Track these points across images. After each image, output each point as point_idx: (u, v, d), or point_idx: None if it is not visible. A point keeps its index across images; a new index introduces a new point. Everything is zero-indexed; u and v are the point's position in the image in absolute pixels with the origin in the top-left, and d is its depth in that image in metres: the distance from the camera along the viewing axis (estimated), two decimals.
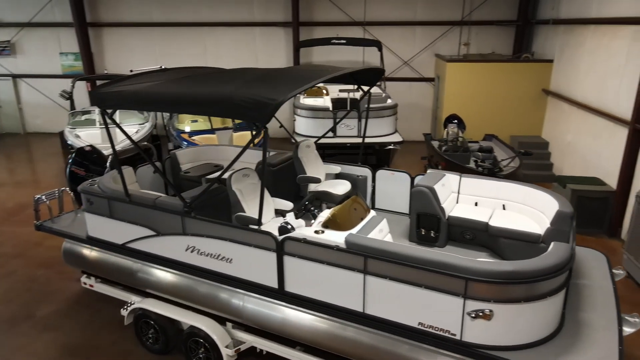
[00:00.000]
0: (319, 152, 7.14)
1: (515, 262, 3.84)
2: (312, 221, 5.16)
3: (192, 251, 5.32)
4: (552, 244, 4.23)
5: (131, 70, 14.46)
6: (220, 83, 4.81)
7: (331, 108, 11.29)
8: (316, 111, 11.30)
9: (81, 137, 11.95)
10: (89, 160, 7.65)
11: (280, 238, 4.66)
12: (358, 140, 11.10)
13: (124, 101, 5.06)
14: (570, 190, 9.21)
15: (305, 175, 6.60)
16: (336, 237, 4.46)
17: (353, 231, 4.64)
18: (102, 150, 10.85)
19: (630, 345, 5.82)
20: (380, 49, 13.90)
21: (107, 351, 6.15)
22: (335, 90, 13.28)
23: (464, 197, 6.16)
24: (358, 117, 11.10)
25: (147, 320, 6.01)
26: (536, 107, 13.51)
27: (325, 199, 6.47)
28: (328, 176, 7.01)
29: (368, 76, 6.31)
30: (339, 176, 7.01)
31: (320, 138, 7.41)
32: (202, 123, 11.99)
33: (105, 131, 12.16)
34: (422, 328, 4.20)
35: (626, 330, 4.33)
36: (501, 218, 5.64)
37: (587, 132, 10.79)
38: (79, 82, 15.65)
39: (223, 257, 5.12)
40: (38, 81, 17.52)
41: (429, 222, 5.77)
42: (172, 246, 5.44)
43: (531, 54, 14.18)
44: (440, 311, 4.06)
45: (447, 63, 13.41)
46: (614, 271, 5.28)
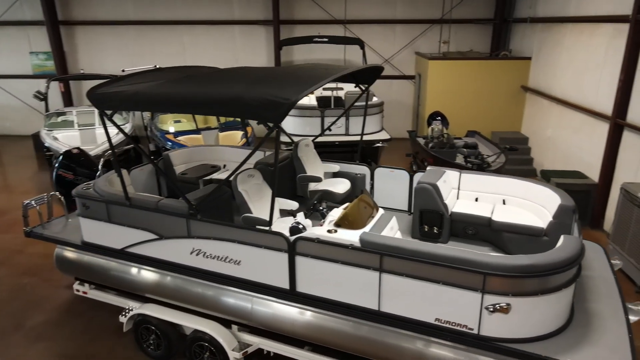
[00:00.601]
0: None
1: (532, 256, 3.92)
2: (322, 220, 5.14)
3: (198, 254, 5.21)
4: (562, 237, 4.33)
5: (123, 70, 14.19)
6: (226, 83, 4.73)
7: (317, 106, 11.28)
8: (303, 110, 11.26)
9: (59, 140, 11.55)
10: (77, 163, 7.40)
11: (292, 238, 4.61)
12: (346, 138, 11.12)
13: (126, 102, 4.91)
14: (554, 183, 9.46)
15: (305, 174, 6.56)
16: (350, 236, 4.45)
17: (365, 230, 4.64)
18: None
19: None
20: (362, 47, 13.95)
21: (105, 359, 5.98)
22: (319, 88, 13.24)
23: (464, 193, 6.24)
24: (346, 116, 11.12)
25: (148, 325, 5.87)
26: (515, 104, 13.83)
27: (326, 198, 6.45)
28: (326, 175, 6.99)
29: (367, 74, 6.32)
30: (337, 175, 6.99)
31: (317, 137, 7.37)
32: (187, 123, 11.77)
33: (84, 133, 11.85)
34: (439, 324, 4.24)
35: (632, 318, 4.48)
36: (503, 213, 5.74)
37: (567, 127, 11.11)
38: (53, 83, 15.14)
39: (231, 260, 5.04)
40: (7, 82, 16.84)
41: (432, 219, 5.82)
42: (176, 249, 5.32)
43: (509, 52, 14.50)
44: (457, 306, 4.10)
45: (429, 61, 13.58)
46: (612, 262, 5.46)
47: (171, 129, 11.40)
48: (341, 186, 6.54)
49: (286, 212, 5.75)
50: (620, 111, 8.89)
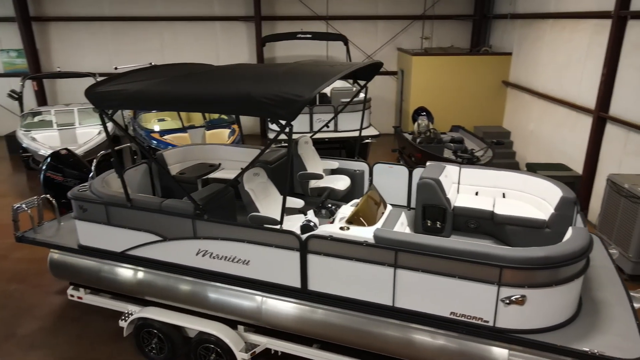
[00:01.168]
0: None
1: (546, 248, 3.99)
2: (331, 218, 5.12)
3: (204, 255, 5.12)
4: (571, 229, 4.43)
5: (116, 67, 13.86)
6: (232, 80, 4.64)
7: None
8: None
9: (38, 140, 11.16)
10: (65, 164, 7.15)
11: (304, 237, 4.58)
12: (335, 135, 11.11)
13: (128, 100, 4.77)
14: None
15: (306, 172, 6.52)
16: (363, 233, 4.44)
17: (377, 226, 4.64)
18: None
19: None
20: (346, 43, 13.95)
21: None
22: None
23: (464, 187, 6.32)
24: (334, 112, 11.10)
25: (150, 329, 5.75)
26: (496, 98, 14.09)
27: (328, 195, 6.42)
28: (325, 172, 6.96)
29: (367, 71, 6.31)
30: (336, 171, 6.98)
31: (315, 133, 7.32)
32: (172, 122, 11.54)
33: (64, 133, 11.50)
34: (454, 317, 4.28)
35: (635, 305, 4.62)
36: (504, 206, 5.84)
37: (550, 121, 11.38)
38: (27, 81, 14.60)
39: (239, 260, 4.97)
40: None
41: (435, 214, 5.87)
42: (181, 251, 5.21)
43: (489, 47, 14.75)
44: (473, 300, 4.15)
45: (413, 57, 13.69)
46: (610, 251, 5.62)
47: (156, 128, 11.15)
48: (341, 183, 6.53)
49: (292, 210, 5.70)
50: (603, 105, 9.16)
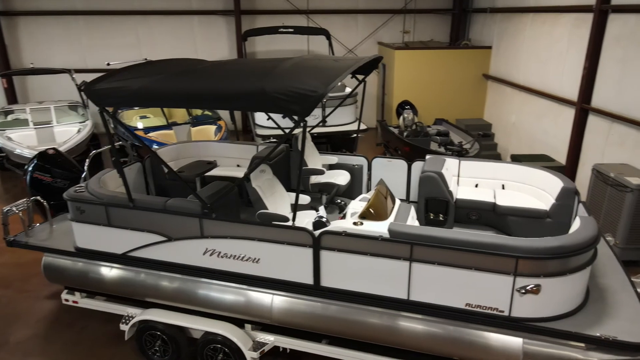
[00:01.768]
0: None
1: (560, 238, 4.08)
2: (341, 213, 5.10)
3: (212, 254, 5.02)
4: (578, 218, 4.54)
5: (108, 63, 13.42)
6: (242, 76, 4.54)
7: None
8: None
9: (14, 139, 10.72)
10: (53, 164, 6.87)
11: (317, 233, 4.54)
12: (323, 129, 11.08)
13: (133, 97, 4.61)
14: None
15: (307, 167, 6.46)
16: (377, 228, 4.44)
17: (390, 220, 4.65)
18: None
19: None
20: (328, 38, 13.88)
21: None
22: None
23: (464, 180, 6.40)
24: (322, 107, 11.06)
25: (153, 332, 5.62)
26: (477, 91, 14.32)
27: (328, 190, 6.40)
28: (324, 167, 6.93)
29: (366, 65, 6.29)
30: (335, 166, 6.95)
31: (313, 127, 7.26)
32: (155, 119, 11.26)
33: (41, 132, 11.09)
34: (470, 308, 4.33)
35: (639, 290, 4.79)
36: (505, 197, 5.95)
37: (531, 113, 11.65)
38: None
39: (249, 258, 4.90)
40: None
41: (438, 206, 5.93)
42: (187, 251, 5.10)
43: (468, 41, 14.96)
44: (489, 290, 4.21)
45: (396, 51, 13.75)
46: (607, 238, 5.80)
47: (139, 125, 10.86)
48: (342, 178, 6.52)
49: (299, 207, 5.65)
50: (585, 96, 9.43)
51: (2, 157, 11.54)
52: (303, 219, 5.25)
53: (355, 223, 4.54)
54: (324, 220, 4.64)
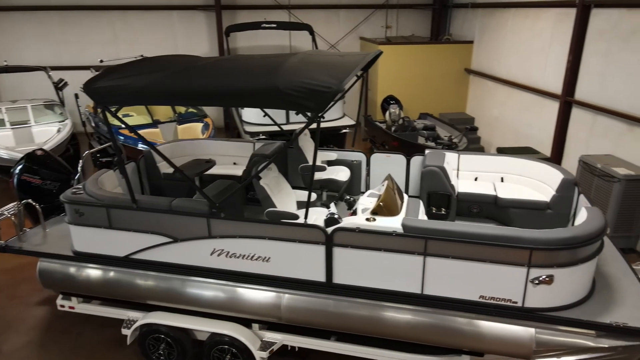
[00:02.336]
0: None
1: (571, 229, 4.17)
2: (350, 210, 5.08)
3: (220, 254, 4.94)
4: (584, 209, 4.65)
5: (101, 60, 13.03)
6: (251, 73, 4.47)
7: None
8: None
9: None
10: (42, 165, 6.60)
11: (330, 230, 4.52)
12: (312, 126, 11.01)
13: (138, 95, 4.47)
14: None
15: (308, 164, 6.42)
16: (391, 223, 4.45)
17: (402, 215, 4.66)
18: (16, 154, 9.53)
19: None
20: (312, 33, 13.82)
21: None
22: None
23: (463, 173, 6.48)
24: None
25: (157, 335, 5.50)
26: (459, 86, 14.50)
27: (330, 186, 6.37)
28: (323, 163, 6.89)
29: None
30: (334, 162, 6.92)
31: (309, 123, 7.19)
32: (139, 117, 10.98)
33: (18, 132, 10.70)
34: (483, 300, 4.39)
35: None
36: (506, 190, 6.05)
37: (515, 107, 11.88)
38: None
39: (259, 257, 4.83)
40: None
41: (440, 200, 5.98)
42: (194, 252, 5.00)
43: (450, 36, 15.12)
44: (503, 282, 4.27)
45: (379, 46, 13.78)
46: None
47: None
48: (342, 174, 6.50)
49: (304, 205, 5.60)
50: (569, 89, 9.66)
51: None
52: (311, 216, 5.22)
53: (367, 219, 4.53)
54: (336, 217, 4.61)
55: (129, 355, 5.83)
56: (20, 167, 6.56)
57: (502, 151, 10.55)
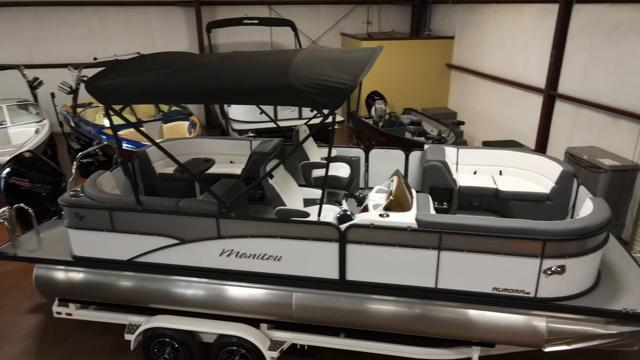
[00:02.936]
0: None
1: (582, 219, 4.28)
2: (361, 206, 5.07)
3: (229, 255, 4.85)
4: (589, 200, 4.77)
5: (95, 58, 12.48)
6: (260, 70, 4.39)
7: None
8: None
9: None
10: (31, 168, 6.35)
11: (343, 227, 4.50)
12: (299, 122, 10.94)
13: (143, 94, 4.33)
14: None
15: (310, 161, 6.37)
16: (404, 219, 4.46)
17: (414, 211, 4.68)
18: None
19: None
20: (294, 29, 13.72)
21: None
22: None
23: (462, 167, 6.55)
24: None
25: (162, 339, 5.37)
26: (441, 81, 14.66)
27: (331, 183, 6.34)
28: (323, 159, 6.86)
29: None
30: (334, 159, 6.89)
31: (308, 120, 7.15)
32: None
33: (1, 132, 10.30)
34: (497, 292, 4.46)
35: None
36: (506, 183, 6.15)
37: (498, 101, 12.10)
38: None
39: (270, 256, 4.77)
40: None
41: (442, 194, 6.03)
42: (203, 253, 4.90)
43: (430, 32, 15.26)
44: (516, 274, 4.34)
45: (362, 41, 13.81)
46: None
47: (106, 123, 10.27)
48: (343, 170, 6.48)
49: (310, 202, 5.56)
50: (552, 83, 9.90)
51: None
52: (324, 214, 5.18)
53: (381, 215, 4.53)
54: (349, 213, 4.60)
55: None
56: (7, 170, 6.30)
57: (488, 144, 10.74)
